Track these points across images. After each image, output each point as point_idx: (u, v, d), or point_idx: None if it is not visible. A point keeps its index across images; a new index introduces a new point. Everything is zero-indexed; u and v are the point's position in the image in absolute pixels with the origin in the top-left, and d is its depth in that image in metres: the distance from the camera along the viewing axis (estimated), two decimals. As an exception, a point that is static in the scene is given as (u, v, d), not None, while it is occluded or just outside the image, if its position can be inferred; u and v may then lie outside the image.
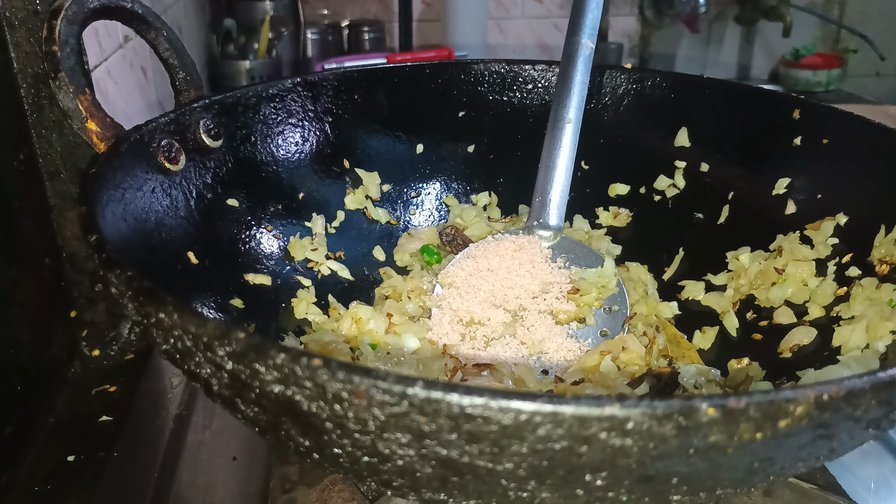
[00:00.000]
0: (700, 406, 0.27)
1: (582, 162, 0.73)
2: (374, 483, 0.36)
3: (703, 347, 0.63)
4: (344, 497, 0.50)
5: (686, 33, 1.90)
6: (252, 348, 0.30)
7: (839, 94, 1.75)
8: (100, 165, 0.47)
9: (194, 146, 0.59)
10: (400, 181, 0.76)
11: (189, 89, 0.62)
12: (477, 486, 0.31)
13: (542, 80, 0.76)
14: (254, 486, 0.55)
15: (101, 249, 0.38)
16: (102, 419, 0.61)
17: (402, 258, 0.73)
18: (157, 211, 0.53)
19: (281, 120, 0.67)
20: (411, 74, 0.74)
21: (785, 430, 0.28)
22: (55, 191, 0.62)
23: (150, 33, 0.60)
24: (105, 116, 0.52)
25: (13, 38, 0.57)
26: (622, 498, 0.32)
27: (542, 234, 0.69)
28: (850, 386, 0.29)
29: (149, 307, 0.34)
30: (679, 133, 0.72)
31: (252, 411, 0.34)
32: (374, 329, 0.61)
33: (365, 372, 0.28)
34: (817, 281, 0.60)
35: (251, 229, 0.64)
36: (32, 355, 0.60)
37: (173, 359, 0.36)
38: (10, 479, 0.53)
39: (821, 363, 0.53)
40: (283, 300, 0.64)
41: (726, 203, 0.69)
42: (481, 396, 0.27)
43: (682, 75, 0.73)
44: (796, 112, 0.65)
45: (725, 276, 0.66)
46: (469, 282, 0.66)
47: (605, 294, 0.65)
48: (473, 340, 0.62)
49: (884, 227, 0.57)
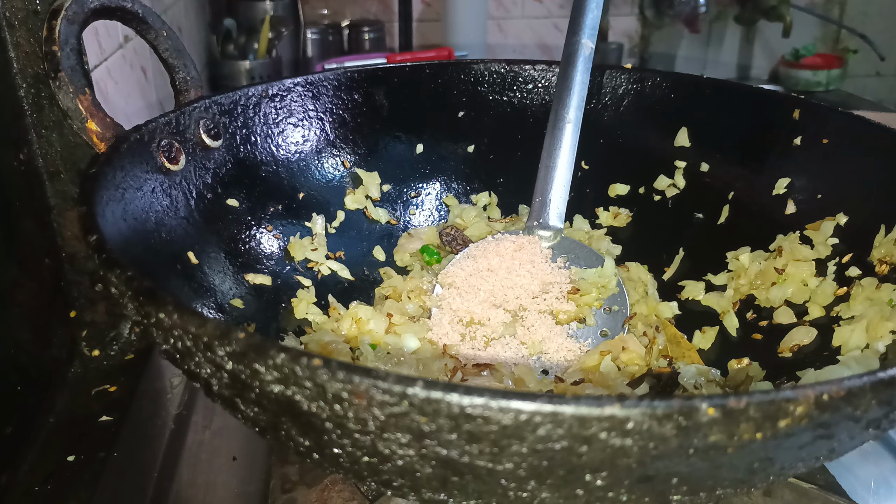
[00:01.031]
0: (700, 406, 0.27)
1: (582, 162, 0.73)
2: (374, 483, 0.36)
3: (703, 347, 0.63)
4: (344, 497, 0.50)
5: (686, 33, 1.90)
6: (252, 348, 0.30)
7: (839, 94, 1.75)
8: (100, 165, 0.47)
9: (194, 146, 0.59)
10: (400, 181, 0.76)
11: (189, 89, 0.62)
12: (477, 486, 0.31)
13: (542, 80, 0.76)
14: (254, 486, 0.55)
15: (101, 249, 0.38)
16: (102, 419, 0.61)
17: (402, 258, 0.73)
18: (157, 211, 0.53)
19: (281, 120, 0.67)
20: (411, 74, 0.74)
21: (785, 430, 0.28)
22: (55, 191, 0.62)
23: (150, 33, 0.60)
24: (105, 116, 0.52)
25: (13, 38, 0.57)
26: (622, 498, 0.32)
27: (542, 234, 0.69)
28: (850, 386, 0.29)
29: (149, 307, 0.34)
30: (679, 133, 0.72)
31: (252, 411, 0.34)
32: (374, 329, 0.61)
33: (365, 372, 0.28)
34: (817, 281, 0.60)
35: (251, 229, 0.64)
36: (32, 355, 0.60)
37: (173, 359, 0.36)
38: (10, 479, 0.53)
39: (821, 363, 0.53)
40: (283, 300, 0.64)
41: (726, 203, 0.69)
42: (481, 396, 0.27)
43: (682, 75, 0.73)
44: (796, 112, 0.65)
45: (725, 276, 0.66)
46: (469, 282, 0.66)
47: (605, 294, 0.65)
48: (473, 340, 0.62)
49: (884, 227, 0.57)
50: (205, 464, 0.57)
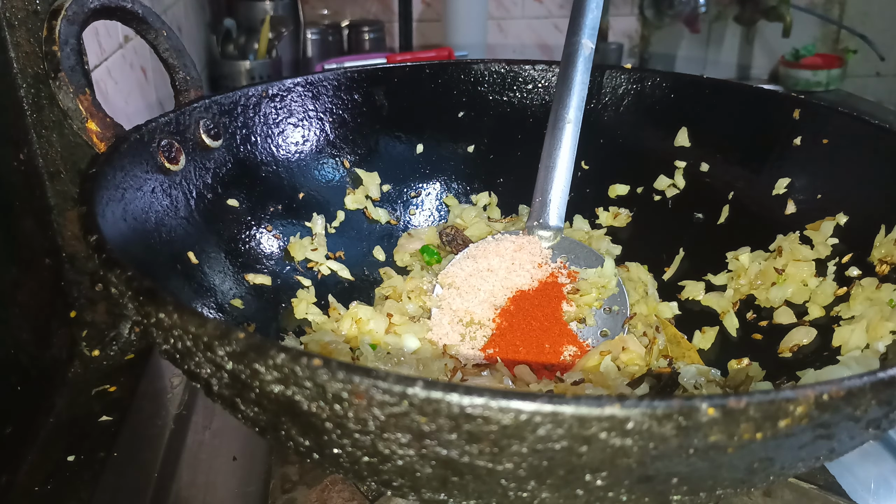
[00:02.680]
0: (700, 406, 0.27)
1: (582, 162, 0.73)
2: (374, 483, 0.36)
3: (703, 347, 0.63)
4: (344, 497, 0.50)
5: (686, 33, 1.90)
6: (252, 348, 0.30)
7: (839, 94, 1.75)
8: (100, 165, 0.47)
9: (194, 146, 0.59)
10: (400, 181, 0.76)
11: (189, 89, 0.62)
12: (477, 486, 0.31)
13: (542, 80, 0.76)
14: (254, 486, 0.55)
15: (101, 249, 0.38)
16: (102, 419, 0.61)
17: (402, 258, 0.73)
18: (157, 211, 0.53)
19: (281, 120, 0.67)
20: (411, 74, 0.74)
21: (785, 430, 0.28)
22: (55, 191, 0.62)
23: (150, 33, 0.60)
24: (105, 116, 0.52)
25: (13, 38, 0.57)
26: (622, 498, 0.32)
27: (542, 235, 0.69)
28: (850, 386, 0.29)
29: (149, 307, 0.34)
30: (679, 133, 0.72)
31: (252, 411, 0.34)
32: (375, 329, 0.61)
33: (365, 372, 0.28)
34: (817, 281, 0.60)
35: (251, 229, 0.64)
36: (32, 355, 0.60)
37: (173, 359, 0.36)
38: (10, 479, 0.53)
39: (821, 363, 0.53)
40: (283, 300, 0.64)
41: (726, 203, 0.69)
42: (481, 396, 0.27)
43: (682, 75, 0.73)
44: (796, 112, 0.65)
45: (725, 276, 0.66)
46: (469, 282, 0.66)
47: (605, 294, 0.65)
48: (473, 340, 0.62)
49: (884, 227, 0.57)
50: (205, 464, 0.57)
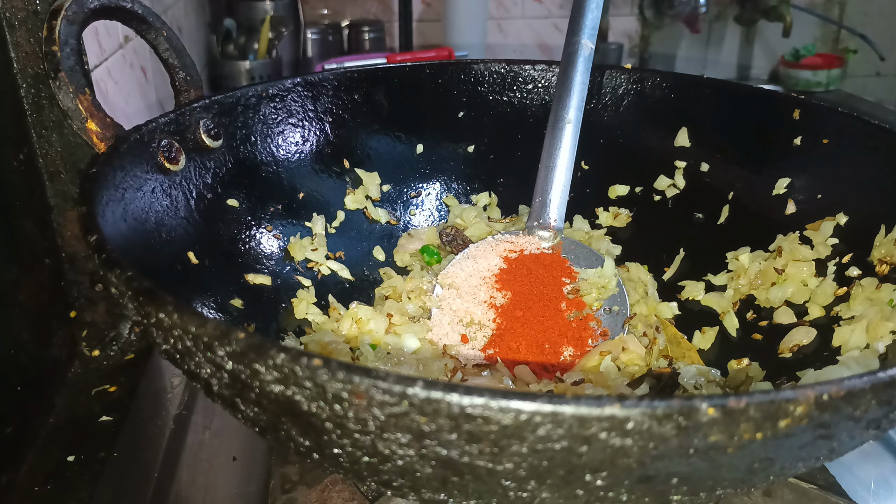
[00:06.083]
0: (700, 406, 0.27)
1: (582, 162, 0.73)
2: (374, 483, 0.36)
3: (703, 347, 0.63)
4: (344, 497, 0.50)
5: (686, 33, 1.90)
6: (252, 348, 0.30)
7: (839, 94, 1.75)
8: (100, 165, 0.47)
9: (194, 146, 0.59)
10: (400, 181, 0.76)
11: (189, 89, 0.62)
12: (477, 486, 0.31)
13: (542, 80, 0.76)
14: (254, 486, 0.55)
15: (101, 249, 0.38)
16: (102, 419, 0.61)
17: (402, 258, 0.73)
18: (157, 211, 0.53)
19: (281, 120, 0.67)
20: (411, 74, 0.74)
21: (785, 430, 0.28)
22: (55, 191, 0.62)
23: (150, 33, 0.60)
24: (105, 116, 0.52)
25: (13, 38, 0.57)
26: (622, 498, 0.32)
27: (542, 235, 0.69)
28: (850, 386, 0.29)
29: (149, 307, 0.34)
30: (679, 133, 0.72)
31: (252, 411, 0.34)
32: (375, 329, 0.61)
33: (365, 372, 0.28)
34: (817, 281, 0.60)
35: (251, 229, 0.64)
36: (32, 355, 0.60)
37: (173, 359, 0.36)
38: (10, 479, 0.53)
39: (821, 363, 0.53)
40: (283, 300, 0.64)
41: (726, 203, 0.69)
42: (481, 396, 0.27)
43: (682, 75, 0.73)
44: (796, 112, 0.65)
45: (725, 277, 0.66)
46: (469, 282, 0.66)
47: (605, 294, 0.65)
48: (473, 341, 0.62)
49: (884, 227, 0.57)
50: (205, 464, 0.57)
